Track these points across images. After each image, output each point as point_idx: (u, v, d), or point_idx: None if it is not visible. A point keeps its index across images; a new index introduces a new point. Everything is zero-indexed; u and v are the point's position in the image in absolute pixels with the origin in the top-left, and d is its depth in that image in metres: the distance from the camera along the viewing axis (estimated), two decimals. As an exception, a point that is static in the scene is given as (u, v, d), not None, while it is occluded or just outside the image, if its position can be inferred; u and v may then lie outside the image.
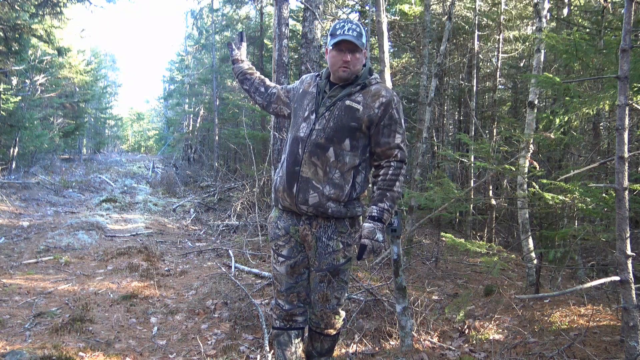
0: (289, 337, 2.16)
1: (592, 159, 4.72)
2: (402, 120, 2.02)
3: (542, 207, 3.60)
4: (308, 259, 2.10)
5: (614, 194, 2.04)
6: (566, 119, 3.31)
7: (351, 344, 2.92)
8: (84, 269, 4.92)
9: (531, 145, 4.08)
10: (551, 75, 3.22)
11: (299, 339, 2.18)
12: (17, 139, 13.05)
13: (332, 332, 2.20)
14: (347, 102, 1.98)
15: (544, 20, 4.30)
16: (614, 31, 4.45)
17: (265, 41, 13.15)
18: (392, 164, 1.99)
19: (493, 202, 6.53)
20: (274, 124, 6.50)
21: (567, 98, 3.25)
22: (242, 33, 2.40)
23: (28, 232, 6.68)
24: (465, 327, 3.21)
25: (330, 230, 2.02)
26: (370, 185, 2.23)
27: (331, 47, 1.97)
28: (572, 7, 6.54)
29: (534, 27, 5.47)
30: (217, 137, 14.71)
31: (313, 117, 2.01)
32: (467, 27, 8.48)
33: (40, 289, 4.12)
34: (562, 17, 6.45)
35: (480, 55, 8.75)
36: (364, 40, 1.97)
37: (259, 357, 2.83)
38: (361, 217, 2.13)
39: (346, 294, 2.22)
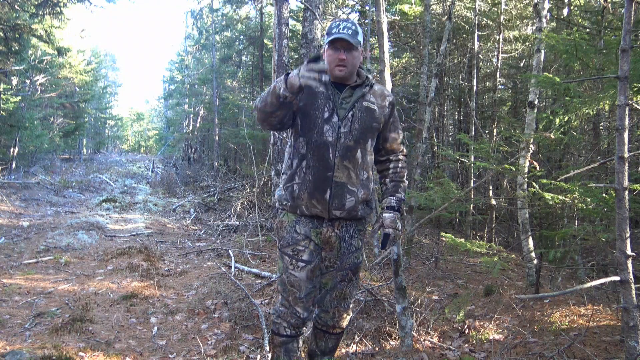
0: (298, 343, 2.14)
1: (592, 159, 4.72)
2: None
3: (542, 207, 3.60)
4: (322, 261, 2.08)
5: (614, 194, 2.04)
6: (566, 119, 3.31)
7: (351, 344, 2.92)
8: (84, 269, 4.92)
9: (531, 145, 4.08)
10: (551, 75, 3.22)
11: (302, 342, 2.20)
12: (17, 139, 13.06)
13: (338, 330, 2.21)
14: (365, 104, 2.00)
15: (544, 20, 4.30)
16: (614, 31, 4.45)
17: (265, 41, 13.15)
18: (400, 157, 2.14)
19: (493, 202, 6.53)
20: (274, 124, 6.48)
21: (567, 98, 3.25)
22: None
23: (28, 232, 6.68)
24: (465, 327, 3.21)
25: (351, 229, 2.05)
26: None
27: (327, 46, 1.97)
28: (572, 7, 6.54)
29: (534, 27, 5.47)
30: (217, 137, 14.71)
31: (335, 119, 1.96)
32: (467, 27, 8.48)
33: (40, 289, 4.12)
34: (562, 17, 6.45)
35: (480, 55, 8.75)
36: (359, 38, 1.96)
37: (259, 357, 2.83)
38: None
39: None
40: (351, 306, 2.19)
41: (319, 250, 2.06)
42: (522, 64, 8.88)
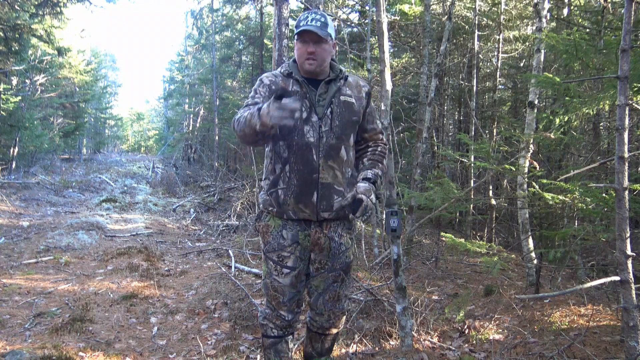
0: (287, 343, 2.13)
1: (592, 159, 4.72)
2: None
3: (542, 207, 3.60)
4: (310, 263, 2.05)
5: (614, 194, 2.04)
6: (566, 119, 3.31)
7: (351, 344, 2.92)
8: (84, 269, 4.92)
9: (531, 145, 4.08)
10: (551, 75, 3.22)
11: (292, 342, 2.19)
12: (17, 139, 13.06)
13: (335, 331, 2.19)
14: (342, 98, 1.95)
15: (544, 20, 4.30)
16: (614, 31, 4.45)
17: (265, 41, 13.15)
18: (379, 143, 2.11)
19: (493, 202, 6.53)
20: (274, 124, 6.47)
21: (567, 98, 3.25)
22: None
23: (28, 232, 6.68)
24: (465, 327, 3.21)
25: (340, 228, 2.02)
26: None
27: (296, 39, 1.91)
28: (572, 7, 6.54)
29: (534, 27, 5.47)
30: (217, 137, 14.72)
31: (315, 119, 1.90)
32: (467, 27, 8.48)
33: (40, 289, 4.12)
34: (562, 17, 6.45)
35: (480, 55, 8.75)
36: (330, 30, 1.88)
37: (259, 357, 2.83)
38: None
39: None
40: (345, 306, 2.16)
41: (306, 255, 2.02)
42: (522, 64, 8.88)
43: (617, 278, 2.00)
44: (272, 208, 1.99)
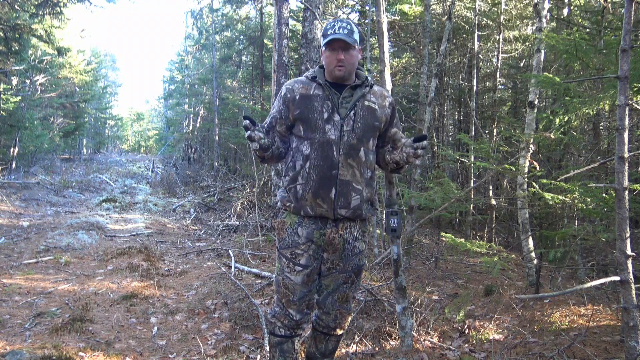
0: (293, 344, 2.14)
1: (592, 159, 4.72)
2: None
3: (542, 207, 3.60)
4: (322, 264, 2.06)
5: (614, 194, 2.04)
6: (566, 119, 3.31)
7: (351, 344, 2.92)
8: (84, 269, 4.92)
9: (531, 145, 4.08)
10: (551, 75, 3.22)
11: (299, 343, 2.19)
12: (17, 139, 13.06)
13: (340, 331, 2.20)
14: (366, 103, 2.02)
15: (544, 20, 4.30)
16: (614, 31, 4.45)
17: (265, 41, 13.15)
18: None
19: (493, 202, 6.53)
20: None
21: (567, 98, 3.25)
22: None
23: (28, 232, 6.68)
24: (465, 327, 3.21)
25: (355, 230, 2.04)
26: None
27: (324, 48, 1.99)
28: (572, 7, 6.54)
29: (534, 27, 5.46)
30: (217, 137, 14.71)
31: (337, 118, 1.96)
32: (467, 27, 8.48)
33: (40, 289, 4.12)
34: (562, 17, 6.45)
35: (480, 55, 8.75)
36: (356, 37, 1.97)
37: (259, 357, 2.83)
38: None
39: None
40: (352, 307, 2.19)
41: (319, 254, 2.03)
42: (522, 64, 8.89)
43: (617, 278, 2.01)
44: (290, 204, 2.02)
